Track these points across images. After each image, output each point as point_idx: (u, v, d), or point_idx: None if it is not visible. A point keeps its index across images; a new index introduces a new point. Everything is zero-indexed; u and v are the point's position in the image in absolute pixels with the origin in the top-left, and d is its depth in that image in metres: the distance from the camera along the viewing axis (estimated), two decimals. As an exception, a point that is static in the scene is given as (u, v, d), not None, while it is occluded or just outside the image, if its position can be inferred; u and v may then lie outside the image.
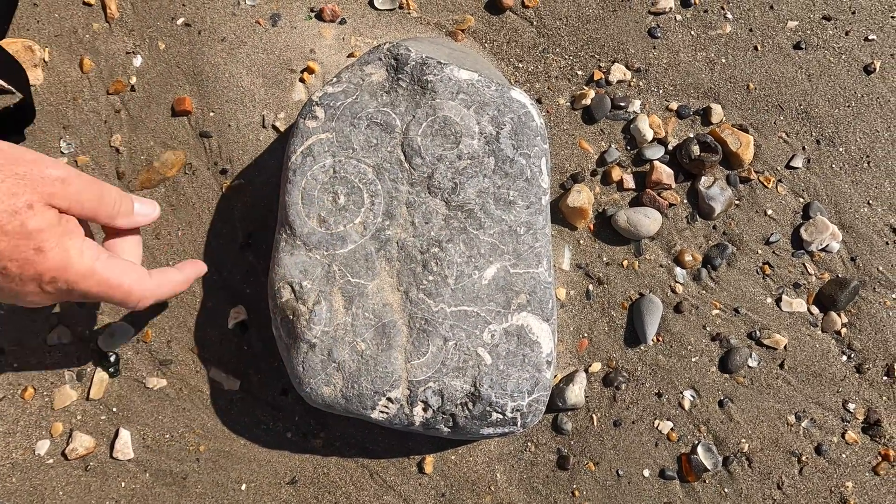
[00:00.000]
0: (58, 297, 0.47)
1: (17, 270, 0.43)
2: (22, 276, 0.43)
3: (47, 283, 0.44)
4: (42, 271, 0.44)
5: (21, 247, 0.42)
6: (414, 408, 0.52)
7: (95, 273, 0.46)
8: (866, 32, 0.67)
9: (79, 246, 0.45)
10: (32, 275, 0.44)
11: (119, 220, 0.50)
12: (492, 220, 0.53)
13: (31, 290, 0.45)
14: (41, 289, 0.45)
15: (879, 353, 0.64)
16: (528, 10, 0.68)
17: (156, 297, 0.51)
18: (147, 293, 0.49)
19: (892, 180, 0.65)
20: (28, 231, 0.42)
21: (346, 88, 0.54)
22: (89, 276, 0.46)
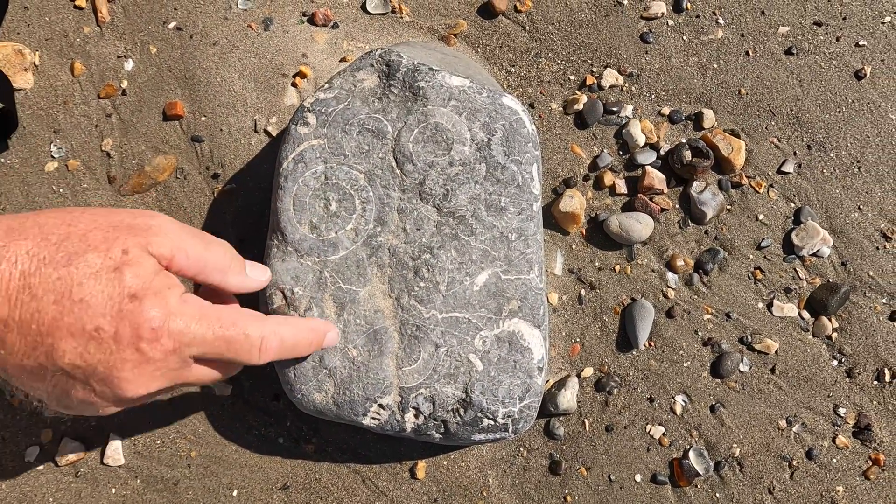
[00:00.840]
0: (162, 373, 0.39)
1: (112, 327, 0.36)
2: (118, 336, 0.37)
3: (148, 342, 0.37)
4: (140, 323, 0.37)
5: (115, 296, 0.36)
6: (405, 414, 0.52)
7: (206, 315, 0.39)
8: (857, 38, 0.67)
9: (178, 294, 0.39)
10: (129, 334, 0.37)
11: (231, 277, 0.44)
12: (483, 227, 0.53)
13: (128, 361, 0.37)
14: (140, 355, 0.37)
15: (870, 357, 0.64)
16: (521, 14, 0.68)
17: (283, 343, 0.43)
18: (270, 334, 0.42)
19: (882, 185, 0.66)
20: (123, 279, 0.37)
21: (337, 94, 0.54)
22: (200, 319, 0.39)
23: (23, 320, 0.36)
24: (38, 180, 0.64)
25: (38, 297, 0.36)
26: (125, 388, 0.38)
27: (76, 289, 0.36)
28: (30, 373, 0.37)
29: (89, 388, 0.38)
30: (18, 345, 0.36)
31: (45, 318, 0.36)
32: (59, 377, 0.38)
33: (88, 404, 0.39)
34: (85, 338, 0.36)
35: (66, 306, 0.36)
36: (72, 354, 0.37)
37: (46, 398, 0.40)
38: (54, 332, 0.36)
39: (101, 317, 0.36)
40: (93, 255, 0.37)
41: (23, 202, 0.64)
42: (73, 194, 0.65)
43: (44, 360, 0.37)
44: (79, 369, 0.37)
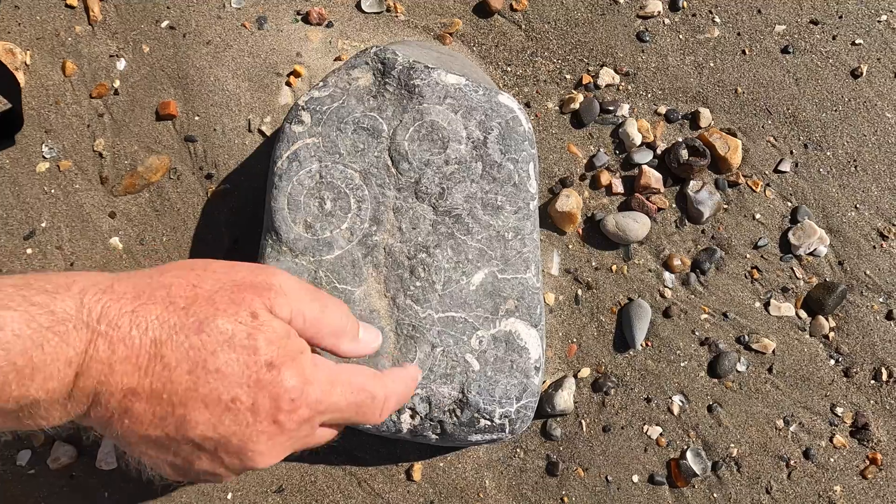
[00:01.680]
0: (291, 443, 0.37)
1: (250, 398, 0.35)
2: (255, 408, 0.35)
3: (287, 413, 0.36)
4: (279, 394, 0.35)
5: (251, 365, 0.34)
6: (401, 415, 0.52)
7: (337, 380, 0.38)
8: (853, 37, 0.67)
9: (310, 358, 0.38)
10: (268, 406, 0.35)
11: (344, 343, 0.42)
12: (479, 226, 0.53)
13: (263, 433, 0.36)
14: (277, 426, 0.36)
15: (867, 356, 0.64)
16: (517, 13, 0.68)
17: (398, 399, 0.43)
18: (390, 394, 0.41)
19: (878, 184, 0.66)
20: (257, 346, 0.35)
21: (332, 93, 0.54)
22: (333, 386, 0.38)
23: (154, 390, 0.34)
24: (29, 181, 0.64)
25: (171, 367, 0.34)
26: (256, 461, 0.37)
27: (210, 358, 0.34)
28: (153, 443, 0.35)
29: (217, 459, 0.36)
30: (147, 415, 0.34)
31: (177, 388, 0.34)
32: (185, 448, 0.36)
33: (211, 475, 0.38)
34: (220, 409, 0.35)
35: (201, 376, 0.34)
36: (204, 426, 0.35)
37: (165, 468, 0.38)
38: (187, 402, 0.34)
39: (237, 387, 0.35)
40: (223, 321, 0.35)
41: (14, 203, 0.64)
42: (65, 195, 0.64)
43: (172, 432, 0.35)
44: (210, 441, 0.35)
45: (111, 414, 0.34)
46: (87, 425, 0.36)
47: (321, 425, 0.40)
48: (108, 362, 0.33)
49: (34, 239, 0.63)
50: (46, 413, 0.32)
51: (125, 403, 0.34)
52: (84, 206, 0.64)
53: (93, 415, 0.34)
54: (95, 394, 0.33)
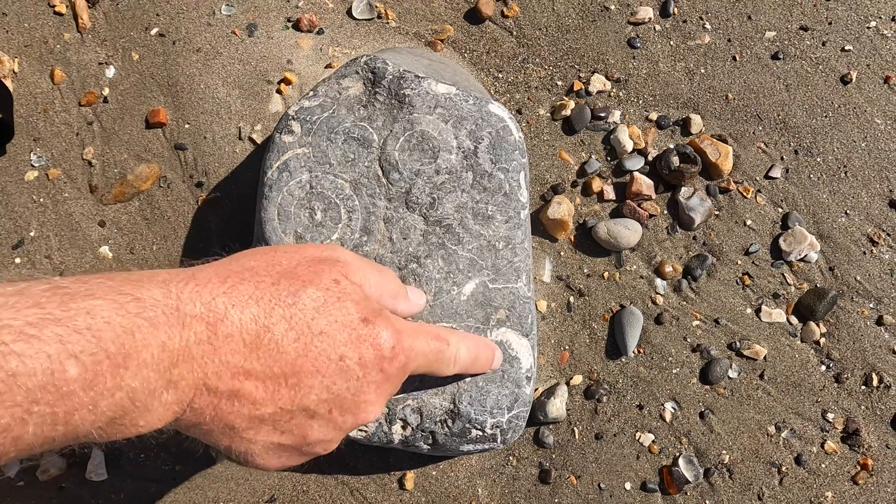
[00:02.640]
0: (391, 390, 0.39)
1: (356, 353, 0.36)
2: (363, 361, 0.36)
3: (389, 360, 0.37)
4: (380, 344, 0.37)
5: (349, 324, 0.36)
6: (392, 426, 0.52)
7: (420, 330, 0.41)
8: (843, 43, 0.67)
9: (392, 314, 0.40)
10: (373, 356, 0.37)
11: (400, 303, 0.45)
12: (470, 236, 0.52)
13: (372, 383, 0.37)
14: (383, 374, 0.37)
15: (857, 362, 0.64)
16: (508, 20, 0.68)
17: (467, 353, 0.45)
18: (462, 346, 0.44)
19: (868, 190, 0.66)
20: (347, 307, 0.37)
21: (322, 102, 0.53)
22: (418, 335, 0.40)
23: (265, 365, 0.34)
24: (17, 189, 0.63)
25: (278, 339, 0.34)
26: (369, 413, 0.38)
27: (312, 324, 0.35)
28: (266, 423, 0.35)
29: (331, 423, 0.37)
30: (259, 392, 0.34)
31: (287, 358, 0.34)
32: (298, 420, 0.36)
33: (323, 442, 0.38)
34: (332, 370, 0.36)
35: (308, 342, 0.35)
36: (319, 389, 0.36)
37: (272, 456, 0.37)
38: (300, 370, 0.35)
39: (342, 345, 0.36)
40: (312, 290, 0.36)
41: (2, 212, 0.63)
42: (54, 204, 0.63)
43: (287, 403, 0.35)
44: (324, 403, 0.36)
45: (219, 399, 0.33)
46: (185, 426, 0.34)
47: None
48: (210, 343, 0.32)
49: (23, 248, 0.63)
50: (144, 409, 0.31)
51: (235, 384, 0.33)
52: (73, 214, 0.63)
53: (198, 404, 0.33)
54: (201, 380, 0.32)
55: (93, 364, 0.28)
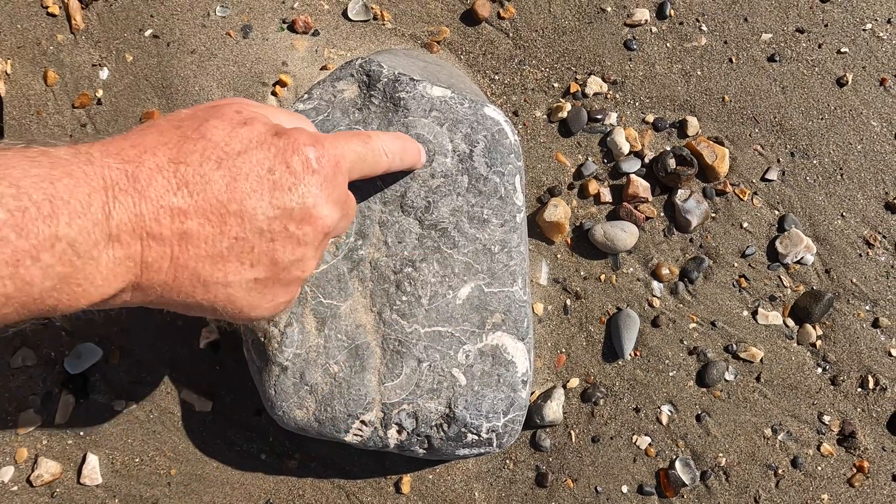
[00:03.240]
0: (338, 193, 0.39)
1: (281, 164, 0.36)
2: (291, 169, 0.36)
3: (317, 160, 0.37)
4: (299, 148, 0.37)
5: (264, 140, 0.36)
6: (388, 430, 0.52)
7: (338, 134, 0.41)
8: (839, 45, 0.67)
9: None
10: (299, 161, 0.36)
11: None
12: (466, 239, 0.52)
13: (312, 184, 0.37)
14: (318, 175, 0.37)
15: (853, 364, 0.64)
16: (504, 21, 0.68)
17: (391, 144, 0.45)
18: (385, 139, 0.44)
19: (864, 192, 0.66)
20: (256, 127, 0.37)
21: (317, 105, 0.53)
22: (338, 137, 0.41)
23: (200, 200, 0.34)
24: (10, 192, 0.63)
25: (201, 171, 0.34)
26: (323, 216, 0.37)
27: (227, 147, 0.35)
28: (230, 260, 0.35)
29: (293, 238, 0.37)
30: (206, 229, 0.34)
31: (217, 186, 0.34)
32: (260, 245, 0.36)
33: (299, 261, 0.38)
34: (267, 184, 0.35)
35: (231, 165, 0.35)
36: (263, 207, 0.35)
37: (256, 295, 0.37)
38: (234, 196, 0.34)
39: (266, 160, 0.36)
40: (215, 121, 0.36)
41: (-5, 215, 0.63)
42: (47, 206, 0.63)
43: (239, 231, 0.35)
44: (276, 220, 0.36)
45: (170, 248, 0.33)
46: (155, 296, 0.34)
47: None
48: (135, 189, 0.32)
49: (16, 252, 0.62)
50: (93, 263, 0.31)
51: (177, 226, 0.33)
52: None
53: (150, 258, 0.33)
54: (142, 228, 0.32)
55: (19, 210, 0.28)
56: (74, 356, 0.61)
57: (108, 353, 0.62)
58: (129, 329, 0.62)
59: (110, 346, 0.62)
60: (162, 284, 0.34)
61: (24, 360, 0.61)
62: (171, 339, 0.62)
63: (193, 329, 0.62)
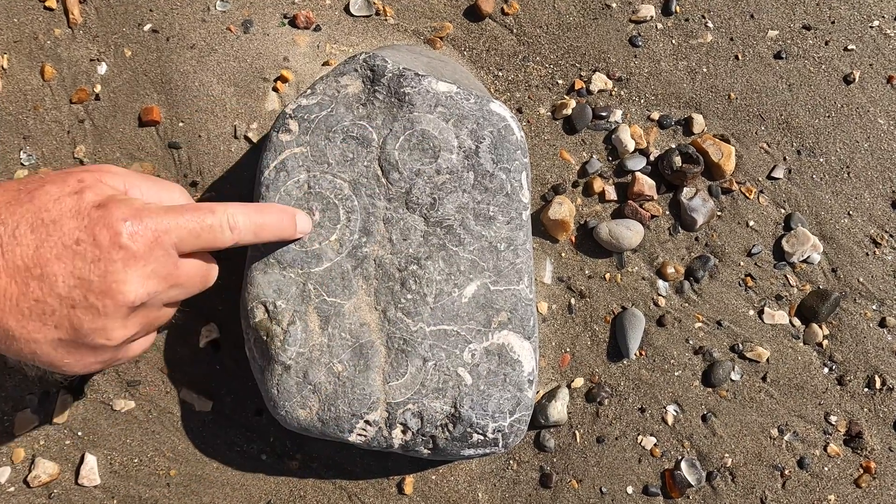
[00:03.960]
0: (153, 270, 0.40)
1: (89, 236, 0.38)
2: (97, 242, 0.38)
3: (129, 237, 0.38)
4: (112, 223, 0.39)
5: (82, 210, 0.39)
6: (392, 430, 0.51)
7: (171, 208, 0.42)
8: (846, 42, 0.67)
9: (140, 201, 0.42)
10: (107, 235, 0.38)
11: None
12: (471, 237, 0.51)
13: (116, 261, 0.38)
14: (125, 251, 0.38)
15: (860, 364, 0.63)
16: (508, 17, 0.67)
17: (247, 218, 0.45)
18: (236, 211, 0.44)
19: (871, 191, 0.65)
20: (84, 197, 0.39)
21: (320, 100, 0.52)
22: (167, 212, 0.41)
23: (8, 261, 0.37)
24: (7, 189, 0.62)
25: (15, 235, 0.37)
26: (125, 291, 0.39)
27: (45, 214, 0.38)
28: (31, 318, 0.38)
29: (91, 309, 0.39)
30: (11, 288, 0.37)
31: (26, 250, 0.37)
32: (60, 310, 0.38)
33: (100, 331, 0.40)
34: (70, 254, 0.38)
35: (43, 232, 0.37)
36: (64, 275, 0.38)
37: (57, 354, 0.40)
38: (41, 260, 0.37)
39: (76, 231, 0.38)
40: (51, 186, 0.39)
41: (-9, 211, 0.62)
42: (45, 203, 0.62)
43: (39, 293, 0.38)
44: (76, 289, 0.38)
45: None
46: None
47: (183, 257, 0.43)
48: None
49: (12, 249, 0.61)
50: None
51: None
52: (64, 214, 0.62)
53: None
54: None
55: None
56: (72, 355, 0.60)
57: (107, 352, 0.61)
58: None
59: (109, 345, 0.61)
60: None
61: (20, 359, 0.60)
62: (171, 338, 0.61)
63: (193, 328, 0.61)
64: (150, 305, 0.42)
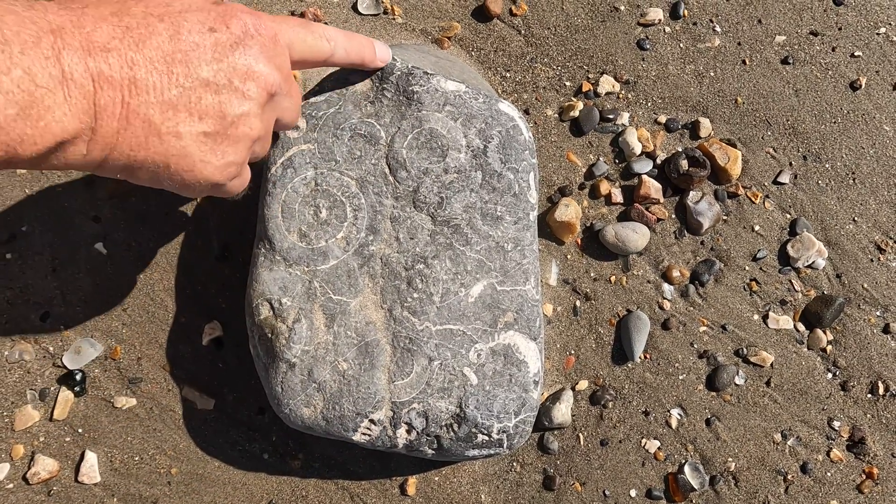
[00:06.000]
0: (277, 56, 0.40)
1: (222, 23, 0.38)
2: (230, 29, 0.38)
3: (256, 28, 0.39)
4: (240, 16, 0.39)
5: (203, 5, 0.38)
6: (397, 430, 0.50)
7: (279, 16, 0.42)
8: (852, 49, 0.67)
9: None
10: (240, 22, 0.38)
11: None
12: (479, 236, 0.51)
13: (252, 47, 0.38)
14: (259, 41, 0.39)
15: (864, 370, 0.63)
16: (516, 18, 0.67)
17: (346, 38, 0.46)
18: (327, 28, 0.45)
19: (876, 197, 0.65)
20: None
21: (328, 98, 0.52)
22: (277, 16, 0.42)
23: (146, 51, 0.35)
24: (9, 183, 0.61)
25: (148, 24, 0.36)
26: (265, 74, 0.39)
27: (169, 6, 0.37)
28: (176, 107, 0.36)
29: (236, 92, 0.38)
30: (153, 77, 0.35)
31: (161, 38, 0.36)
32: (207, 100, 0.37)
33: (244, 117, 0.39)
34: (209, 41, 0.37)
35: (174, 20, 0.37)
36: (207, 59, 0.37)
37: (200, 150, 0.38)
38: (181, 45, 0.36)
39: (207, 20, 0.37)
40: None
41: (-6, 205, 0.61)
42: (47, 198, 0.62)
43: (184, 79, 0.36)
44: (221, 73, 0.37)
45: (120, 92, 0.34)
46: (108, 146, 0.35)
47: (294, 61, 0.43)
48: (83, 34, 0.34)
49: (14, 244, 0.61)
50: (51, 94, 0.32)
51: (126, 71, 0.35)
52: (67, 209, 0.62)
53: (103, 100, 0.34)
54: (94, 69, 0.33)
55: None
56: (74, 351, 0.59)
57: (109, 348, 0.60)
58: (130, 324, 0.60)
59: (111, 342, 0.60)
60: (116, 134, 0.35)
61: (21, 354, 0.59)
62: (173, 336, 0.61)
63: (196, 325, 0.61)
64: (275, 107, 0.42)
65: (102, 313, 0.60)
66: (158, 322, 0.61)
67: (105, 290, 0.61)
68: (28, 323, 0.60)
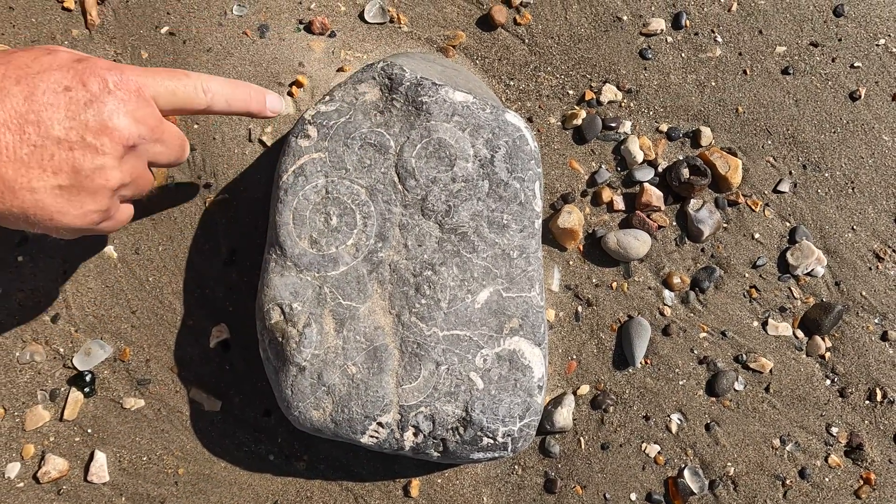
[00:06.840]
0: (139, 108, 0.42)
1: (77, 82, 0.40)
2: (87, 86, 0.40)
3: (115, 84, 0.41)
4: (97, 70, 0.40)
5: (64, 63, 0.41)
6: (404, 433, 0.51)
7: (148, 68, 0.44)
8: (852, 59, 0.68)
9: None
10: (97, 83, 0.40)
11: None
12: (485, 244, 0.52)
13: (106, 102, 0.40)
14: (113, 96, 0.41)
15: (862, 377, 0.64)
16: (520, 27, 0.68)
17: (220, 86, 0.48)
18: (207, 77, 0.47)
19: (875, 206, 0.66)
20: (57, 53, 0.42)
21: (339, 107, 0.53)
22: (145, 70, 0.44)
23: (3, 111, 0.38)
24: (22, 186, 0.62)
25: (3, 87, 0.38)
26: (120, 128, 0.41)
27: (27, 69, 0.39)
28: (29, 165, 0.38)
29: (92, 148, 0.40)
30: (6, 138, 0.38)
31: (17, 100, 0.38)
32: (60, 156, 0.39)
33: (99, 171, 0.41)
34: (62, 100, 0.39)
35: (30, 83, 0.39)
36: (59, 118, 0.39)
37: (64, 203, 0.40)
38: (34, 106, 0.38)
39: (63, 80, 0.40)
40: (23, 52, 0.41)
41: (6, 209, 0.62)
42: (60, 201, 0.62)
43: (37, 138, 0.38)
44: (73, 131, 0.39)
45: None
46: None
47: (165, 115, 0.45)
48: None
49: (26, 247, 0.62)
50: None
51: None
52: (79, 213, 0.62)
53: None
54: None
55: None
56: (84, 353, 0.60)
57: (118, 350, 0.61)
58: (139, 326, 0.61)
59: (120, 344, 0.61)
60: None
61: (32, 355, 0.60)
62: (181, 338, 0.61)
63: (204, 328, 0.62)
64: (140, 155, 0.44)
65: (112, 316, 0.61)
66: (167, 324, 0.62)
67: (114, 293, 0.61)
68: (39, 324, 0.61)
